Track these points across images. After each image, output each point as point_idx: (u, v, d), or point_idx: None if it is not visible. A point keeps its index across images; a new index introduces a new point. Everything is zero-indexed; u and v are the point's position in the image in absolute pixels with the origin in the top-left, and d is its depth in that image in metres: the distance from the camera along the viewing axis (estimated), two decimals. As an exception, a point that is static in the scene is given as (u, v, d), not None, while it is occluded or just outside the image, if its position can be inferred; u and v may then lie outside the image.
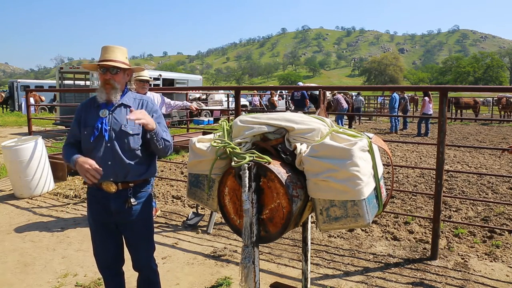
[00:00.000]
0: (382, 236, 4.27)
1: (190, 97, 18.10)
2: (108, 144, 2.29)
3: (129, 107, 2.37)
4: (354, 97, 18.07)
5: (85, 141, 2.32)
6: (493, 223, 4.70)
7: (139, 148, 2.36)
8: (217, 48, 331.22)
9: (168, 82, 16.89)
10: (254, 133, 2.28)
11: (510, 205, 5.20)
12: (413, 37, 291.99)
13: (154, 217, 4.72)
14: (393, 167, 3.93)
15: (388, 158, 8.03)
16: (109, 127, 2.30)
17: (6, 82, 63.00)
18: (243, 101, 19.71)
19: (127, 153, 2.31)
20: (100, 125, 2.29)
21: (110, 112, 2.33)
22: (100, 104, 2.35)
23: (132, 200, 2.35)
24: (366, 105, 28.33)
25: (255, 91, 23.18)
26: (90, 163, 2.19)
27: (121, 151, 2.30)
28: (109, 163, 2.28)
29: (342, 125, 14.98)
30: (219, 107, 18.83)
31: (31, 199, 5.73)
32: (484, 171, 7.67)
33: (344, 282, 3.25)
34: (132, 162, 2.33)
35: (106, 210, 2.34)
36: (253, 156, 2.11)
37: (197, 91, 19.42)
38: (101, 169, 2.20)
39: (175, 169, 7.82)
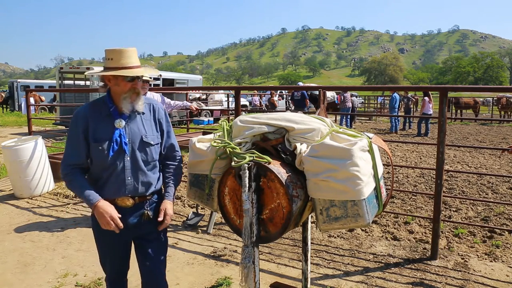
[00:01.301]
0: (382, 236, 4.27)
1: (190, 97, 18.10)
2: (129, 158, 2.07)
3: (143, 113, 2.15)
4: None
5: (99, 157, 2.04)
6: (493, 223, 4.70)
7: (158, 157, 2.22)
8: (217, 48, 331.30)
9: (168, 82, 16.88)
10: (254, 133, 2.28)
11: (510, 205, 5.20)
12: (413, 37, 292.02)
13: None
14: (393, 167, 3.93)
15: (388, 158, 8.03)
16: (128, 139, 2.07)
17: (6, 82, 63.03)
18: (243, 101, 19.71)
19: (149, 165, 2.14)
20: (119, 138, 2.04)
21: (126, 122, 2.09)
22: (112, 112, 2.08)
23: (150, 213, 2.16)
24: (366, 105, 28.38)
25: (255, 91, 23.18)
26: (112, 215, 1.98)
27: (144, 164, 2.11)
28: (129, 178, 2.08)
29: (348, 125, 15.04)
30: (219, 107, 18.82)
31: (31, 199, 5.73)
32: (484, 171, 7.67)
33: (344, 282, 3.25)
34: (153, 174, 2.17)
35: (123, 225, 2.10)
36: (253, 156, 2.11)
37: (197, 91, 19.42)
38: (122, 224, 2.00)
39: (175, 169, 7.81)
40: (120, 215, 2.03)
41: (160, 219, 2.13)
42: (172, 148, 2.28)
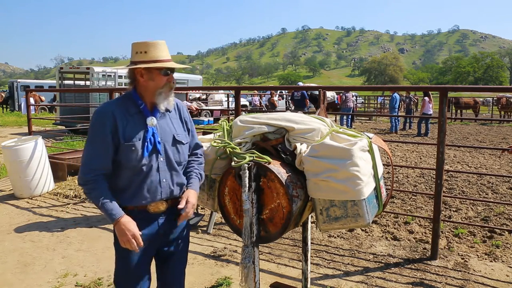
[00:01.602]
0: (382, 236, 4.26)
1: (190, 97, 18.10)
2: (162, 159, 1.92)
3: (169, 111, 2.01)
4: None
5: (131, 160, 1.86)
6: (493, 223, 4.70)
7: None
8: (217, 48, 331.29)
9: (168, 82, 16.85)
10: (254, 133, 2.28)
11: (510, 205, 5.20)
12: (413, 37, 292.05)
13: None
14: (393, 167, 3.93)
15: (388, 158, 8.03)
16: (160, 138, 1.92)
17: (6, 82, 63.03)
18: (243, 101, 19.71)
19: (180, 165, 2.01)
20: (152, 138, 1.89)
21: (157, 120, 1.94)
22: (142, 110, 1.91)
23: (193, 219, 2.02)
24: (366, 105, 28.39)
25: (255, 91, 23.18)
26: (135, 233, 1.80)
27: (177, 164, 1.98)
28: (164, 180, 1.92)
29: (349, 125, 15.03)
30: (219, 107, 18.83)
31: (31, 199, 5.73)
32: (484, 171, 7.67)
33: (344, 282, 3.25)
34: (183, 174, 2.03)
35: (152, 233, 1.93)
36: (253, 156, 2.11)
37: (197, 91, 19.42)
38: (142, 243, 1.83)
39: (175, 169, 7.81)
40: (142, 246, 1.85)
41: (180, 206, 1.92)
42: (196, 146, 2.16)
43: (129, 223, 1.81)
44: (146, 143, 1.87)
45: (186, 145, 2.04)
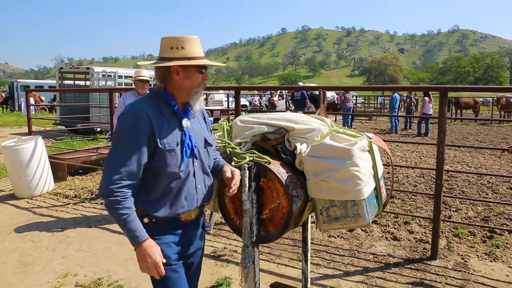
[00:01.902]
0: (382, 236, 4.26)
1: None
2: (197, 164, 1.80)
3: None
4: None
5: (171, 166, 1.70)
6: (493, 223, 4.70)
7: None
8: (217, 48, 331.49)
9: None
10: (254, 133, 2.28)
11: (510, 205, 5.20)
12: (413, 37, 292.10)
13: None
14: (393, 167, 3.93)
15: (388, 158, 8.03)
16: (194, 142, 1.80)
17: (6, 82, 63.02)
18: (243, 101, 19.69)
19: (209, 169, 1.91)
20: (190, 142, 1.75)
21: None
22: (176, 111, 1.75)
23: (207, 223, 1.92)
24: (366, 105, 28.39)
25: (255, 91, 23.18)
26: (157, 260, 1.63)
27: (208, 169, 1.89)
28: (199, 186, 1.82)
29: (350, 125, 15.00)
30: (219, 107, 18.82)
31: (31, 199, 5.73)
32: (484, 171, 7.67)
33: (344, 282, 3.25)
34: (212, 179, 1.93)
35: (182, 244, 1.82)
36: (253, 156, 2.11)
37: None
38: (164, 272, 1.67)
39: (175, 169, 7.81)
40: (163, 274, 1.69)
41: (228, 175, 1.83)
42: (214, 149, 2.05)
43: (152, 248, 1.64)
44: (184, 148, 1.73)
45: (213, 147, 1.96)
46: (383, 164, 2.48)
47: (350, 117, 15.77)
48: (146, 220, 1.72)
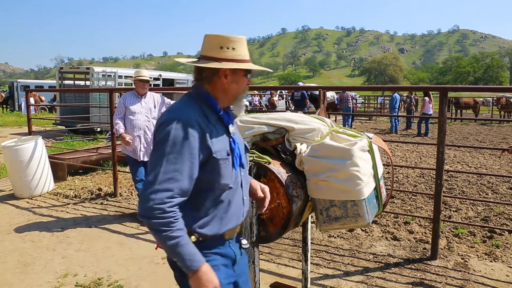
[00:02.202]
0: (382, 236, 4.27)
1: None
2: (242, 173, 1.64)
3: None
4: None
5: (225, 177, 1.54)
6: (493, 223, 4.70)
7: None
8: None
9: (168, 82, 16.88)
10: (254, 133, 2.29)
11: (510, 205, 5.20)
12: (413, 37, 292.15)
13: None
14: (393, 167, 3.93)
15: (388, 158, 8.03)
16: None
17: (6, 82, 63.04)
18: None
19: None
20: (238, 149, 1.60)
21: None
22: (222, 116, 1.57)
23: (243, 241, 1.71)
24: (366, 105, 28.39)
25: (255, 91, 23.18)
26: (216, 285, 1.46)
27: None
28: (245, 198, 1.66)
29: (350, 124, 14.96)
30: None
31: (31, 199, 5.73)
32: (484, 171, 7.67)
33: (344, 282, 3.25)
34: None
35: (229, 265, 1.63)
36: (253, 156, 2.11)
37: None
38: None
39: (175, 169, 7.81)
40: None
41: (260, 195, 1.72)
42: None
43: (211, 272, 1.45)
44: (234, 156, 1.57)
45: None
46: (383, 164, 2.48)
47: (350, 117, 15.75)
48: (193, 239, 1.51)
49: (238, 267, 1.67)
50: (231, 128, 1.59)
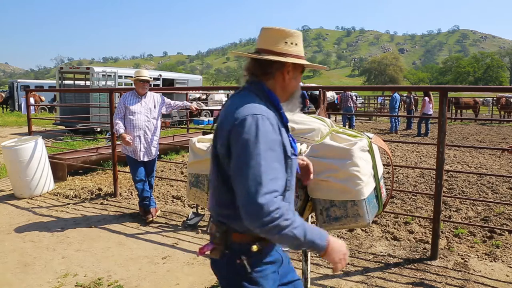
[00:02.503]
0: (382, 236, 4.26)
1: (190, 97, 18.11)
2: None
3: None
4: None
5: (293, 176, 1.51)
6: (493, 223, 4.70)
7: None
8: (217, 48, 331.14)
9: (168, 82, 16.89)
10: (254, 133, 2.28)
11: (510, 205, 5.20)
12: (413, 37, 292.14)
13: (154, 217, 4.72)
14: (393, 167, 3.93)
15: (388, 158, 8.03)
16: None
17: (6, 82, 63.05)
18: (243, 101, 19.67)
19: None
20: (296, 149, 1.55)
21: None
22: (282, 114, 1.50)
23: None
24: (366, 105, 28.39)
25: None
26: (346, 250, 1.49)
27: None
28: (295, 196, 1.63)
29: (353, 124, 14.96)
30: (219, 107, 18.79)
31: (31, 199, 5.73)
32: (484, 171, 7.67)
33: (344, 282, 3.25)
34: None
35: (276, 269, 1.58)
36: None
37: (197, 91, 19.43)
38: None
39: (175, 169, 7.82)
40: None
41: (302, 163, 1.69)
42: None
43: (336, 239, 1.47)
44: (295, 155, 1.52)
45: None
46: (383, 164, 2.48)
47: (353, 118, 15.71)
48: (255, 248, 1.42)
49: (282, 268, 1.62)
50: (290, 127, 1.56)
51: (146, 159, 4.69)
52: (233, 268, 1.45)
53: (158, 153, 4.96)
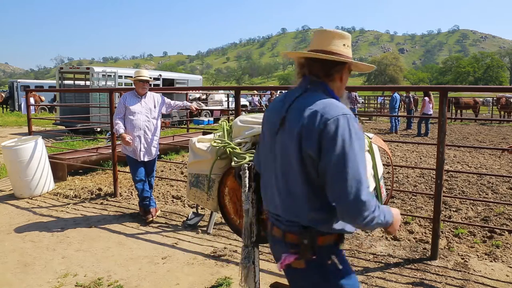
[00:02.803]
0: (382, 236, 4.26)
1: (190, 97, 18.11)
2: None
3: None
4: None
5: None
6: (493, 223, 4.70)
7: None
8: (217, 48, 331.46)
9: (168, 82, 16.90)
10: (254, 133, 2.29)
11: (510, 205, 5.20)
12: (413, 37, 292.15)
13: (154, 217, 4.72)
14: (393, 167, 3.93)
15: (388, 158, 8.02)
16: None
17: (6, 82, 63.04)
18: (243, 101, 19.71)
19: None
20: None
21: None
22: None
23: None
24: (366, 105, 28.38)
25: (255, 91, 23.18)
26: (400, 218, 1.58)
27: None
28: None
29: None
30: (219, 107, 18.83)
31: (31, 199, 5.73)
32: (484, 171, 7.67)
33: (344, 282, 3.25)
34: None
35: None
36: (253, 156, 2.11)
37: (197, 91, 19.43)
38: None
39: (175, 169, 7.82)
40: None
41: None
42: None
43: (395, 210, 1.56)
44: None
45: None
46: (383, 164, 2.48)
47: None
48: (341, 246, 1.54)
49: None
50: None
51: (146, 159, 4.70)
52: (325, 271, 1.48)
53: (158, 153, 4.96)
